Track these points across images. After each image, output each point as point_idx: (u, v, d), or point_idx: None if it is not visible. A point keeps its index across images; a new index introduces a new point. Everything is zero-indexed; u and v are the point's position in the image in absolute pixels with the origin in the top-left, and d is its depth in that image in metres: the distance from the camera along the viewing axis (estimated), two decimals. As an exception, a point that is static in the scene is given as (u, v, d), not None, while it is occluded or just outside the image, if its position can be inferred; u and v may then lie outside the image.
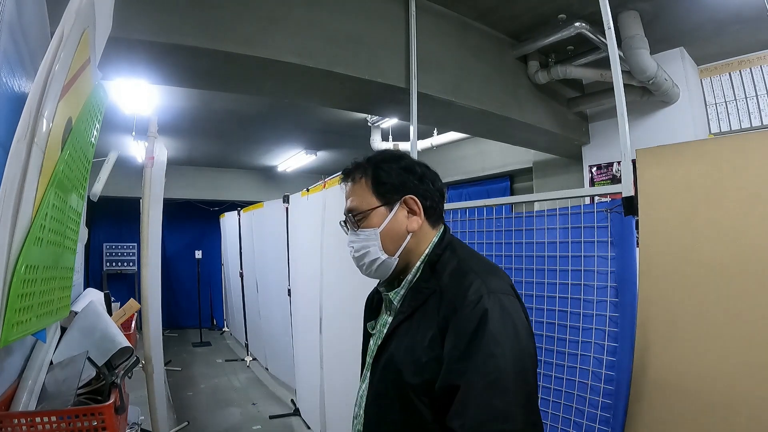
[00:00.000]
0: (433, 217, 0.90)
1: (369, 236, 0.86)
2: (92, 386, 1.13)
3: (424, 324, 0.78)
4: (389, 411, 0.80)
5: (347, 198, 0.92)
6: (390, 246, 0.86)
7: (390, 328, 0.85)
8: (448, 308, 0.76)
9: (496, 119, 2.80)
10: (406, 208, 0.87)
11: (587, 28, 2.43)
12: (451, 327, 0.74)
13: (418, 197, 0.87)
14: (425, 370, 0.75)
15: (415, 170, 0.89)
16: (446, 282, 0.80)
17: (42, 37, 1.00)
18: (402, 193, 0.87)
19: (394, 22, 2.30)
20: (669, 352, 1.27)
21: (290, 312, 3.74)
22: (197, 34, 1.72)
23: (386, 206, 0.87)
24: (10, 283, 0.61)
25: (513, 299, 0.79)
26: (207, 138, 4.91)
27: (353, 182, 0.91)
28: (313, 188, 3.09)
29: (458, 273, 0.81)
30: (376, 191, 0.87)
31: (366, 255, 0.87)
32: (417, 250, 0.88)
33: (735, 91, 2.97)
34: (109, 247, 6.64)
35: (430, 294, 0.81)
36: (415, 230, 0.87)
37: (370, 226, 0.87)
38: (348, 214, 0.90)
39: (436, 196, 0.90)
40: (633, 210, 1.36)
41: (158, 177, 2.16)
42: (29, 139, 0.64)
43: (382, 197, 0.87)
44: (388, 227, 0.86)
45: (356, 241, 0.88)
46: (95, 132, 1.01)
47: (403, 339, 0.81)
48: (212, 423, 3.53)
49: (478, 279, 0.77)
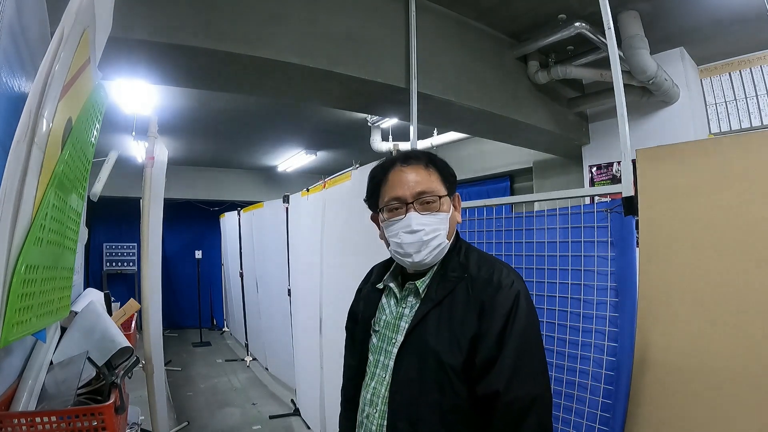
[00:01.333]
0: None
1: (442, 220, 0.93)
2: (92, 386, 1.13)
3: (457, 308, 0.88)
4: (424, 394, 0.86)
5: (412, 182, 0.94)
6: (449, 233, 0.95)
7: (419, 314, 0.91)
8: (483, 293, 0.87)
9: (496, 119, 2.80)
10: (452, 204, 0.97)
11: (587, 28, 2.43)
12: (488, 308, 0.85)
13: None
14: (463, 349, 0.84)
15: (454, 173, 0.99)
16: (475, 271, 0.91)
17: (42, 37, 1.00)
18: (454, 190, 0.98)
19: (394, 22, 2.30)
20: (669, 352, 1.27)
21: (290, 312, 3.74)
22: (197, 34, 1.72)
23: (449, 197, 0.96)
24: (10, 283, 0.61)
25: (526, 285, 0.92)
26: (207, 138, 4.91)
27: (424, 168, 0.95)
28: (313, 188, 3.09)
29: (485, 262, 0.92)
30: (445, 182, 0.96)
31: (436, 238, 0.92)
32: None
33: (735, 91, 2.97)
34: (109, 247, 6.64)
35: (459, 281, 0.90)
36: (459, 223, 0.98)
37: (443, 211, 0.93)
38: (419, 196, 0.92)
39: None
40: (633, 210, 1.36)
41: (158, 177, 2.16)
42: (29, 139, 0.64)
43: (449, 188, 0.96)
44: (452, 217, 0.96)
45: (430, 223, 0.91)
46: (95, 132, 1.01)
47: (437, 325, 0.88)
48: (212, 423, 3.53)
49: (505, 267, 0.91)
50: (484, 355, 0.83)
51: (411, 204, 0.92)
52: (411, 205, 0.92)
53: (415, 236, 0.91)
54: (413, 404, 0.87)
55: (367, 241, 2.01)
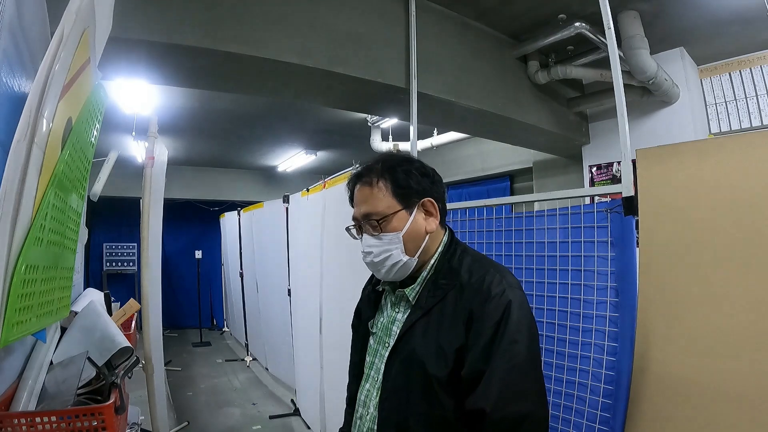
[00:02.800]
0: (443, 217, 0.94)
1: (391, 240, 0.87)
2: (92, 386, 1.13)
3: (445, 317, 0.83)
4: (411, 404, 0.83)
5: (359, 203, 0.91)
6: (411, 248, 0.88)
7: (408, 323, 0.87)
8: (473, 301, 0.81)
9: (496, 119, 2.80)
10: (423, 211, 0.89)
11: (587, 28, 2.43)
12: (477, 318, 0.80)
13: (435, 200, 0.90)
14: (450, 360, 0.80)
15: (428, 173, 0.92)
16: (466, 278, 0.85)
17: (42, 37, 1.00)
18: (421, 196, 0.89)
19: (394, 21, 2.30)
20: (669, 352, 1.27)
21: (290, 312, 3.74)
22: (197, 34, 1.72)
23: (407, 209, 0.88)
24: (10, 283, 0.61)
25: (524, 294, 0.85)
26: (207, 138, 4.91)
27: (369, 186, 0.89)
28: (313, 188, 3.09)
29: (477, 269, 0.86)
30: (396, 194, 0.88)
31: (387, 259, 0.87)
32: (431, 250, 0.92)
33: (735, 91, 2.97)
34: (109, 247, 6.64)
35: (449, 289, 0.85)
36: (433, 231, 0.90)
37: (393, 230, 0.87)
38: (364, 219, 0.89)
39: (444, 198, 0.93)
40: (633, 210, 1.36)
41: (158, 177, 2.16)
42: (29, 139, 0.64)
43: (402, 200, 0.88)
44: (410, 230, 0.87)
45: (377, 245, 0.88)
46: (95, 132, 1.01)
47: (424, 333, 0.84)
48: (212, 423, 3.53)
49: (497, 274, 0.84)
50: (470, 369, 0.78)
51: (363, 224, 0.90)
52: (364, 226, 0.90)
53: (367, 258, 0.90)
54: (401, 413, 0.84)
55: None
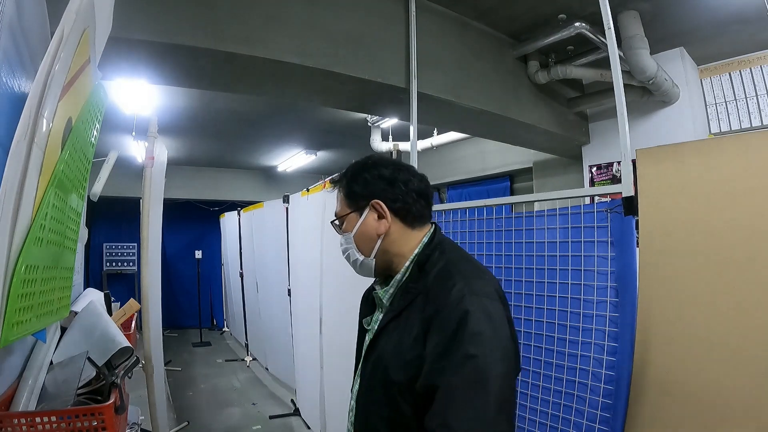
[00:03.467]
0: (409, 218, 0.91)
1: (347, 240, 0.94)
2: (92, 386, 1.13)
3: (410, 323, 0.81)
4: (377, 406, 0.83)
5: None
6: (364, 248, 0.92)
7: (380, 325, 0.88)
8: (432, 308, 0.78)
9: (496, 119, 2.80)
10: (375, 213, 0.90)
11: (587, 28, 2.43)
12: (433, 326, 0.76)
13: (386, 201, 0.90)
14: (409, 367, 0.77)
15: (383, 175, 0.91)
16: (432, 282, 0.82)
17: (42, 37, 1.00)
18: (369, 199, 0.91)
19: (394, 21, 2.30)
20: (669, 352, 1.27)
21: (290, 312, 3.74)
22: (197, 34, 1.72)
23: (356, 212, 0.92)
24: (10, 283, 0.61)
25: (496, 304, 0.79)
26: (207, 138, 4.91)
27: (337, 190, 0.98)
28: (313, 188, 3.09)
29: (444, 274, 0.82)
30: (347, 199, 0.94)
31: (349, 256, 0.94)
32: (399, 251, 0.90)
33: (735, 91, 2.97)
34: (109, 247, 6.64)
35: (417, 294, 0.83)
36: (383, 233, 0.90)
37: (347, 231, 0.94)
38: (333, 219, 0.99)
39: (409, 198, 0.90)
40: (633, 210, 1.36)
41: (158, 177, 2.16)
42: (29, 139, 0.64)
43: (352, 204, 0.93)
44: (360, 231, 0.91)
45: (341, 243, 0.96)
46: (95, 132, 1.01)
47: (391, 337, 0.84)
48: (212, 423, 3.53)
49: (462, 281, 0.79)
50: (423, 382, 0.74)
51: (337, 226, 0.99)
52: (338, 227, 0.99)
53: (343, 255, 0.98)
54: (371, 413, 0.84)
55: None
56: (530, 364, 1.62)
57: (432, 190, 0.97)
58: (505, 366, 0.73)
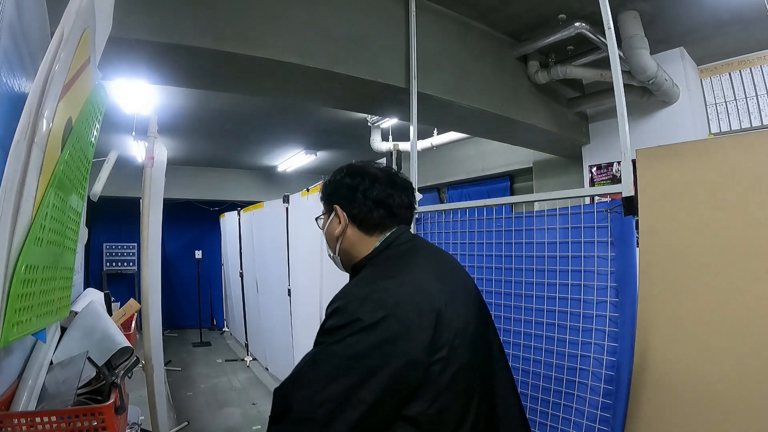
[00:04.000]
0: (365, 225, 0.97)
1: (323, 236, 1.06)
2: (92, 386, 1.13)
3: None
4: None
5: None
6: (331, 246, 1.03)
7: None
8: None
9: (496, 119, 2.80)
10: (337, 217, 0.99)
11: (587, 28, 2.43)
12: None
13: (344, 207, 0.98)
14: None
15: (345, 184, 0.99)
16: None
17: (42, 37, 1.00)
18: (332, 203, 1.00)
19: (394, 21, 2.30)
20: (669, 352, 1.27)
21: (290, 312, 3.74)
22: (197, 34, 1.72)
23: (327, 213, 1.03)
24: (10, 283, 0.61)
25: (376, 306, 0.78)
26: (207, 138, 4.91)
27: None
28: (313, 188, 3.09)
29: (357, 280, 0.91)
30: (321, 200, 1.06)
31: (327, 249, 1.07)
32: (356, 254, 0.98)
33: (735, 91, 2.97)
34: (109, 247, 6.64)
35: None
36: (339, 235, 0.98)
37: (322, 229, 1.05)
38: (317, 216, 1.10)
39: (365, 207, 0.96)
40: (633, 210, 1.36)
41: (158, 177, 2.16)
42: (29, 139, 0.64)
43: (325, 206, 1.04)
44: (327, 231, 1.03)
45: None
46: (95, 132, 1.01)
47: None
48: (212, 423, 3.53)
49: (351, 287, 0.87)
50: None
51: None
52: None
53: None
54: None
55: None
56: (530, 364, 1.62)
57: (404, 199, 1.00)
58: (343, 358, 0.76)
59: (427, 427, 0.77)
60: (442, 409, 0.79)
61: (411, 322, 0.78)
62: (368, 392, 0.72)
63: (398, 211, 0.98)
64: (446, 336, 0.81)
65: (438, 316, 0.81)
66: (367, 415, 0.72)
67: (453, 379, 0.80)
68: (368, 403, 0.72)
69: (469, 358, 0.85)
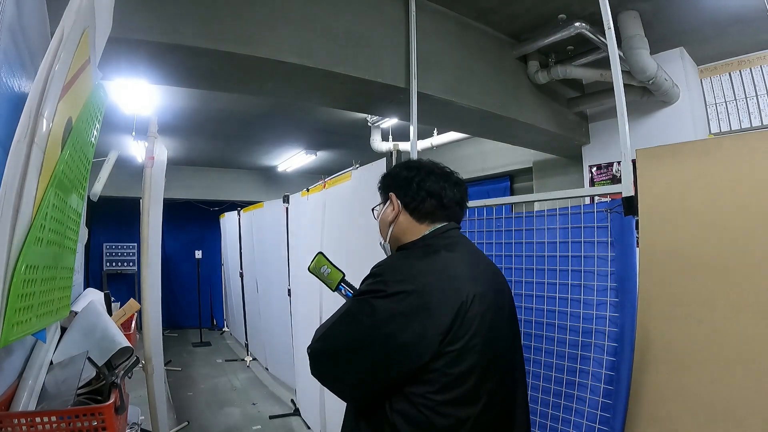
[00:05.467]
0: (417, 213, 1.02)
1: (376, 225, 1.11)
2: (92, 386, 1.13)
3: None
4: None
5: None
6: (382, 232, 1.08)
7: None
8: None
9: (496, 119, 2.80)
10: (391, 204, 1.05)
11: (587, 28, 2.43)
12: None
13: (399, 196, 1.04)
14: None
15: (401, 174, 1.07)
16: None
17: (42, 37, 1.00)
18: (387, 192, 1.07)
19: (394, 21, 2.30)
20: (669, 352, 1.27)
21: (290, 312, 3.74)
22: (197, 34, 1.72)
23: (383, 203, 1.10)
24: (11, 283, 0.61)
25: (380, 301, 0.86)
26: (207, 138, 4.91)
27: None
28: (313, 188, 3.09)
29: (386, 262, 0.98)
30: (379, 191, 1.12)
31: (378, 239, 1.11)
32: (406, 239, 1.03)
33: (735, 91, 2.97)
34: (109, 247, 6.64)
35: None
36: (392, 221, 1.04)
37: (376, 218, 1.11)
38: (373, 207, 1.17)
39: (419, 196, 1.02)
40: (633, 210, 1.36)
41: (158, 177, 2.16)
42: (29, 139, 0.64)
43: (381, 196, 1.11)
44: (381, 218, 1.09)
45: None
46: (95, 132, 1.01)
47: None
48: (212, 423, 3.53)
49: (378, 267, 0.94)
50: None
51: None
52: None
53: None
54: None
55: (366, 242, 2.01)
56: (530, 364, 1.62)
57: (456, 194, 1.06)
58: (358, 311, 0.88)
59: (426, 412, 0.82)
60: (446, 401, 0.83)
61: (433, 303, 0.84)
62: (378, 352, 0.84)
63: (449, 203, 1.03)
64: (463, 331, 0.84)
65: (460, 309, 0.85)
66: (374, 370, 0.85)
67: (463, 376, 0.84)
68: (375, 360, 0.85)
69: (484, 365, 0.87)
